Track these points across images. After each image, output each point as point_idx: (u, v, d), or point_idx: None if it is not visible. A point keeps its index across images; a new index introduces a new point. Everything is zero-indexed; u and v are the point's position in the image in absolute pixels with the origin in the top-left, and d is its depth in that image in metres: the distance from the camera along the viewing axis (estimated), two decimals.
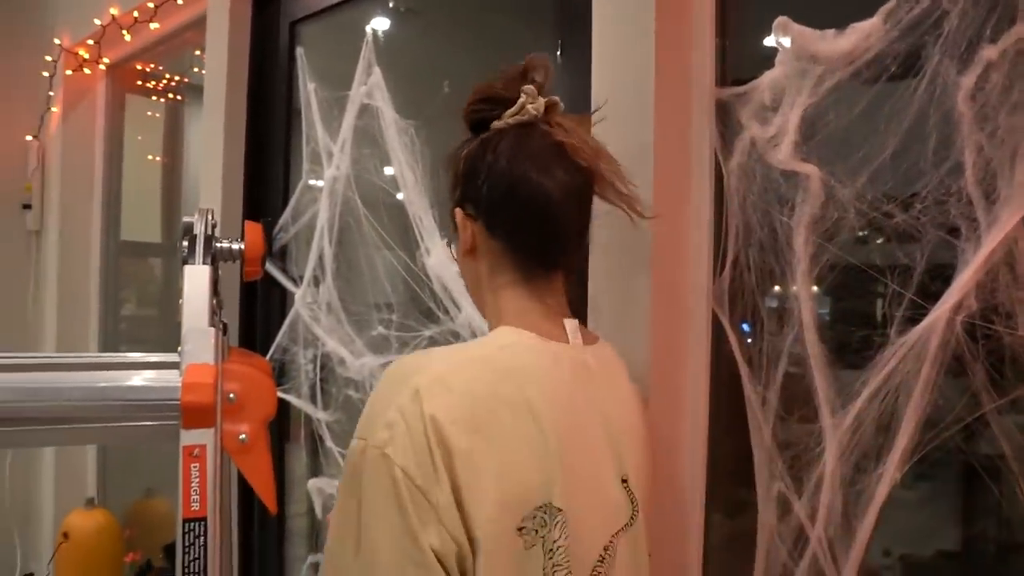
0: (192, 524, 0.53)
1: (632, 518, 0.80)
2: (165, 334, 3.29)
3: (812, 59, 1.02)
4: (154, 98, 3.09)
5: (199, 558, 0.53)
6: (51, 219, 2.86)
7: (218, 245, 0.65)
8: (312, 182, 1.70)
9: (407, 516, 0.61)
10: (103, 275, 2.89)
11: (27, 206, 2.88)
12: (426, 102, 1.53)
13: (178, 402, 0.53)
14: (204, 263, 0.62)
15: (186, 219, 0.65)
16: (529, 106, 0.80)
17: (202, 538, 0.53)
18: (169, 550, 2.27)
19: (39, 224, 2.90)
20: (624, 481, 0.81)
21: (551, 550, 0.69)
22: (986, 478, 0.91)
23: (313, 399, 1.63)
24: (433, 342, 1.39)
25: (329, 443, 1.60)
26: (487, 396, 0.68)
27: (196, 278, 0.60)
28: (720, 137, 1.12)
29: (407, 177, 1.44)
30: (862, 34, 0.96)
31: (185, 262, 0.63)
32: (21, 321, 2.88)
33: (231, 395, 0.58)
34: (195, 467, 0.54)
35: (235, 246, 0.66)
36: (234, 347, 0.74)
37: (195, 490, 0.53)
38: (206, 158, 1.94)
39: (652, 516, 0.89)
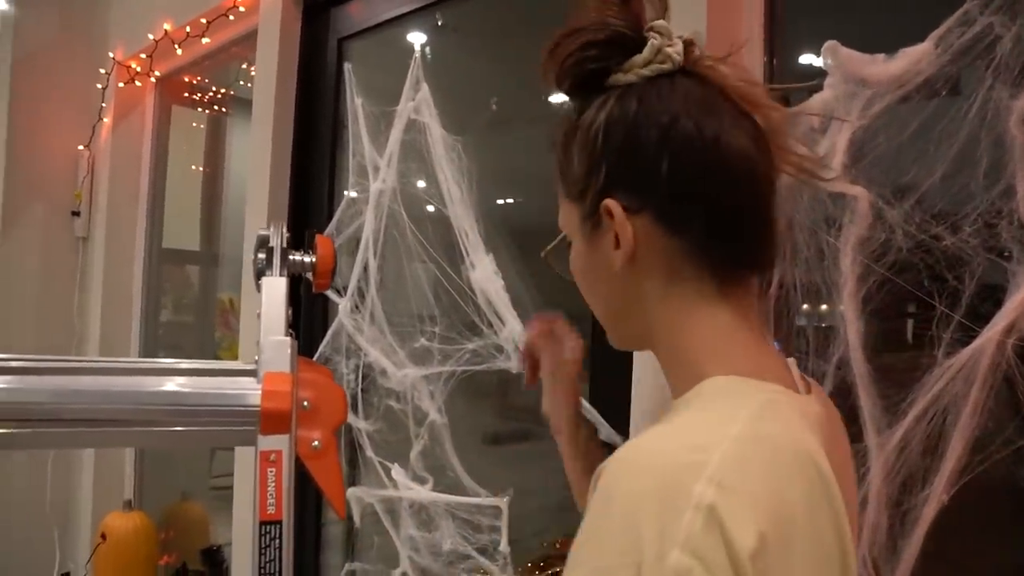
0: (268, 527, 0.55)
1: None
2: (200, 340, 3.35)
3: (861, 82, 1.04)
4: (199, 109, 3.16)
5: (275, 560, 0.55)
6: (98, 226, 2.94)
7: (291, 258, 0.68)
8: (357, 195, 1.73)
9: None
10: (145, 281, 2.96)
11: (76, 213, 2.95)
12: (473, 119, 1.56)
13: (256, 408, 0.56)
14: (280, 275, 0.64)
15: (261, 232, 0.68)
16: (668, 49, 0.58)
17: (278, 540, 0.55)
18: (207, 554, 2.31)
19: (86, 231, 2.98)
20: None
21: None
22: None
23: (355, 408, 1.65)
24: (476, 355, 1.41)
25: (369, 452, 1.63)
26: (786, 500, 0.47)
27: (273, 289, 0.63)
28: None
29: (453, 192, 1.46)
30: (912, 58, 0.97)
31: (261, 274, 0.66)
32: (67, 323, 2.96)
33: (305, 402, 0.60)
34: (271, 471, 0.56)
35: (307, 259, 0.69)
36: (299, 356, 0.76)
37: (271, 494, 0.56)
38: (253, 170, 1.99)
39: None
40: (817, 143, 1.08)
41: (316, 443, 0.60)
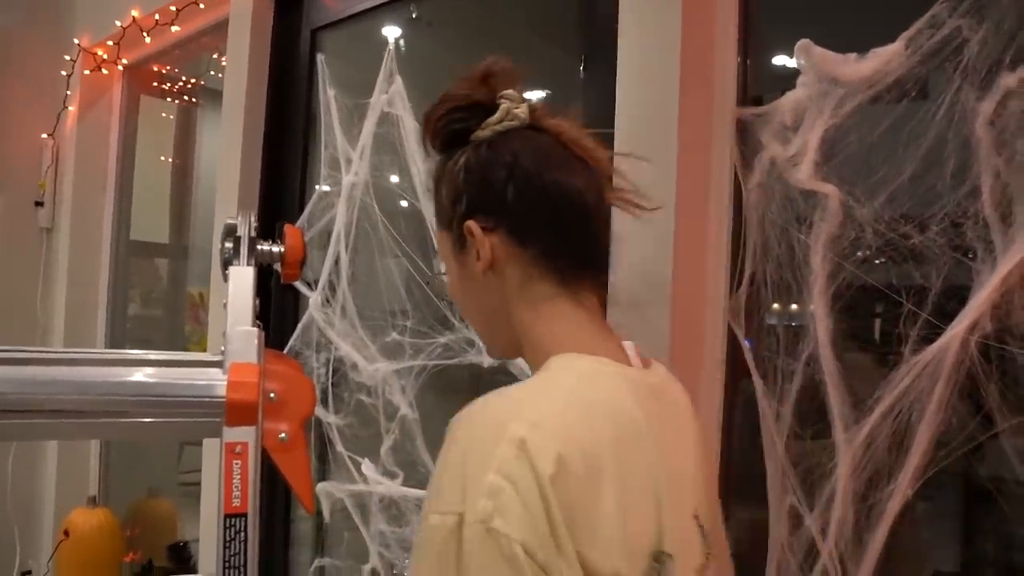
0: (233, 520, 0.54)
1: (707, 557, 0.70)
2: (169, 335, 3.31)
3: (833, 81, 1.05)
4: (169, 100, 3.11)
5: (239, 553, 0.54)
6: (63, 217, 2.88)
7: (259, 248, 0.66)
8: (329, 188, 1.72)
9: None
10: (112, 274, 2.91)
11: (40, 203, 2.89)
12: None
13: (222, 399, 0.55)
14: (248, 264, 0.63)
15: (229, 221, 0.67)
16: (516, 110, 0.72)
17: (243, 533, 0.54)
18: (173, 550, 2.28)
19: (51, 222, 2.92)
20: (696, 516, 0.71)
21: None
22: (998, 498, 0.93)
23: (325, 403, 1.64)
24: (448, 349, 1.40)
25: (339, 447, 1.61)
26: (595, 442, 0.57)
27: (241, 279, 0.62)
28: (740, 156, 1.14)
29: (426, 184, 1.46)
30: (883, 59, 0.99)
31: (228, 264, 0.65)
32: (31, 316, 2.89)
33: (272, 394, 0.59)
34: (237, 464, 0.55)
35: (275, 249, 0.68)
36: (267, 348, 0.75)
37: (236, 487, 0.55)
38: (223, 161, 1.96)
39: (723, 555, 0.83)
40: (789, 141, 1.09)
41: (283, 435, 0.60)
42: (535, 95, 0.79)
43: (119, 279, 2.94)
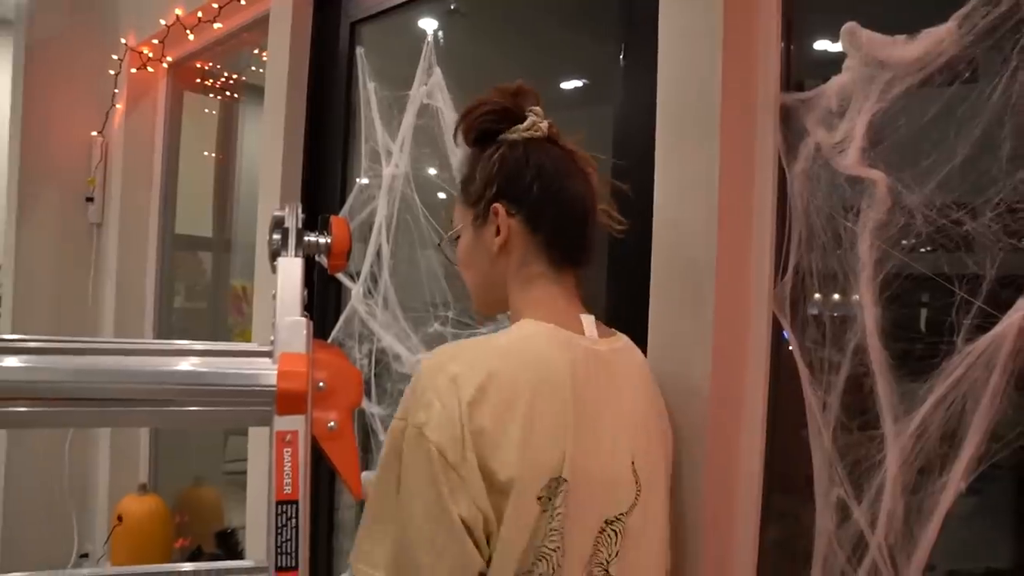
0: (285, 506, 0.55)
1: (637, 497, 0.87)
2: (212, 327, 3.37)
3: (880, 65, 1.02)
4: (211, 96, 3.16)
5: (291, 539, 0.55)
6: (112, 212, 2.95)
7: (307, 239, 0.67)
8: (369, 180, 1.73)
9: (439, 488, 0.69)
10: (158, 267, 2.97)
11: (90, 199, 2.97)
12: None
13: (272, 388, 0.56)
14: (296, 256, 0.64)
15: (276, 213, 0.68)
16: (540, 124, 0.93)
17: (294, 520, 0.55)
18: (221, 537, 2.33)
19: (100, 217, 2.99)
20: (632, 463, 0.87)
21: (551, 516, 0.77)
22: None
23: (367, 393, 1.66)
24: None
25: (382, 437, 1.63)
26: (511, 382, 0.76)
27: (289, 270, 0.63)
28: (784, 142, 1.12)
29: (456, 169, 1.46)
30: (934, 39, 0.96)
31: (276, 255, 0.66)
32: (82, 309, 2.97)
33: (320, 383, 0.60)
34: (287, 452, 0.56)
35: (322, 240, 0.69)
36: (314, 338, 0.76)
37: (287, 474, 0.56)
38: (265, 155, 1.99)
39: (671, 499, 0.99)
40: (835, 126, 1.06)
41: (332, 424, 0.60)
42: (573, 84, 0.88)
43: (165, 273, 3.01)
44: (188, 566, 0.79)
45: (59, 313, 2.93)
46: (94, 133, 2.93)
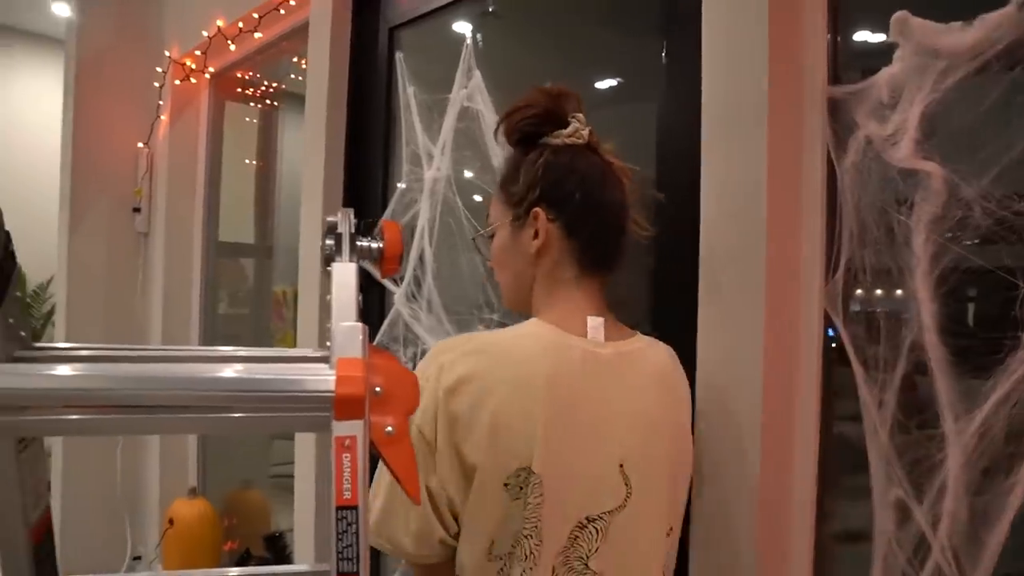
0: (345, 512, 0.55)
1: (626, 499, 0.88)
2: (255, 332, 3.42)
3: (934, 54, 0.99)
4: (251, 104, 3.21)
5: (352, 545, 0.55)
6: (158, 222, 3.01)
7: (360, 243, 0.68)
8: (411, 184, 1.74)
9: (417, 461, 0.73)
10: (203, 275, 3.02)
11: (137, 209, 3.03)
12: None
13: (330, 394, 0.56)
14: (350, 260, 0.64)
15: (330, 218, 0.68)
16: (583, 131, 0.95)
17: (354, 526, 0.55)
18: (270, 540, 2.36)
19: (147, 226, 3.06)
20: (621, 465, 0.89)
21: (526, 505, 0.83)
22: None
23: None
24: None
25: None
26: (489, 376, 0.83)
27: (344, 275, 0.63)
28: (833, 136, 1.10)
29: (498, 170, 1.46)
30: (992, 25, 0.93)
31: (330, 260, 0.66)
32: (131, 316, 3.04)
33: (377, 388, 0.60)
34: (347, 457, 0.56)
35: (375, 244, 0.69)
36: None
37: (347, 480, 0.56)
38: (307, 160, 2.01)
39: (676, 505, 0.99)
40: (886, 119, 1.04)
41: (390, 429, 0.60)
42: (612, 83, 0.90)
43: (209, 280, 3.06)
44: (246, 570, 0.80)
45: (109, 321, 3.00)
46: (140, 144, 3.00)
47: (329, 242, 0.67)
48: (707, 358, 1.13)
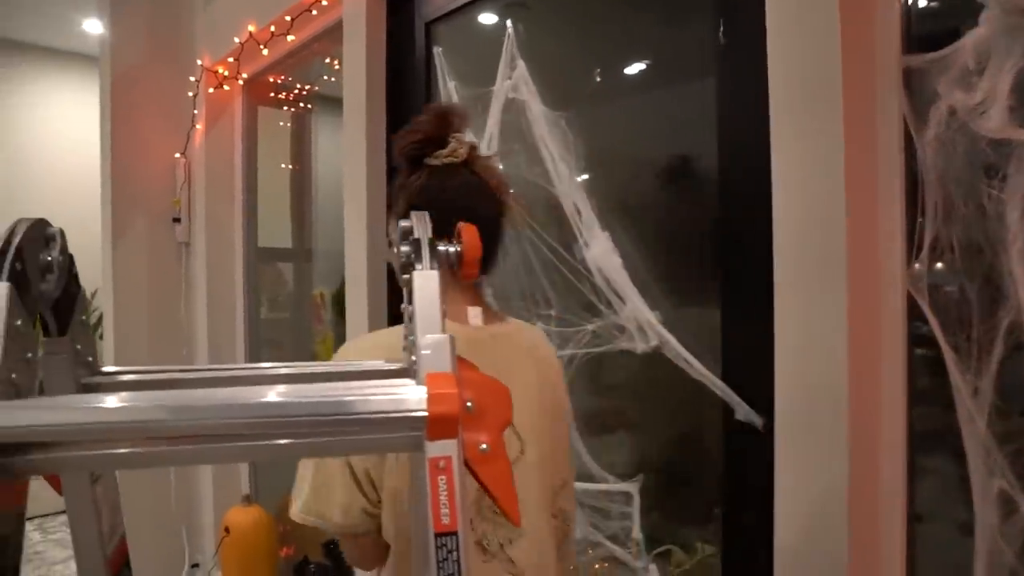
0: (444, 539, 0.51)
1: (521, 453, 1.00)
2: (296, 335, 3.42)
3: None
4: (284, 108, 3.20)
5: (454, 573, 0.51)
6: (198, 231, 3.01)
7: (438, 248, 0.64)
8: None
9: None
10: (245, 281, 3.03)
11: (176, 219, 3.04)
12: (577, 92, 1.50)
13: (422, 413, 0.52)
14: (432, 268, 0.60)
15: (404, 223, 0.64)
16: (459, 150, 1.04)
17: (455, 553, 0.51)
18: (329, 547, 2.34)
19: (188, 236, 3.06)
20: (512, 425, 0.96)
21: None
22: None
23: None
24: (596, 336, 1.36)
25: None
26: (391, 348, 0.91)
27: (426, 283, 0.59)
28: (911, 108, 1.04)
29: (560, 170, 1.41)
30: None
31: (407, 268, 0.62)
32: (175, 326, 3.05)
33: (468, 403, 0.56)
34: (442, 480, 0.52)
35: (452, 249, 0.65)
36: None
37: (444, 504, 0.52)
38: (348, 163, 1.98)
39: (563, 455, 1.12)
40: (973, 86, 0.98)
41: (484, 446, 0.57)
42: (665, 63, 0.78)
43: (251, 286, 3.06)
44: None
45: (155, 330, 3.02)
46: (177, 155, 3.00)
47: (405, 248, 0.63)
48: (786, 350, 1.08)
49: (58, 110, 5.53)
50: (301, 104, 3.17)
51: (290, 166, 3.35)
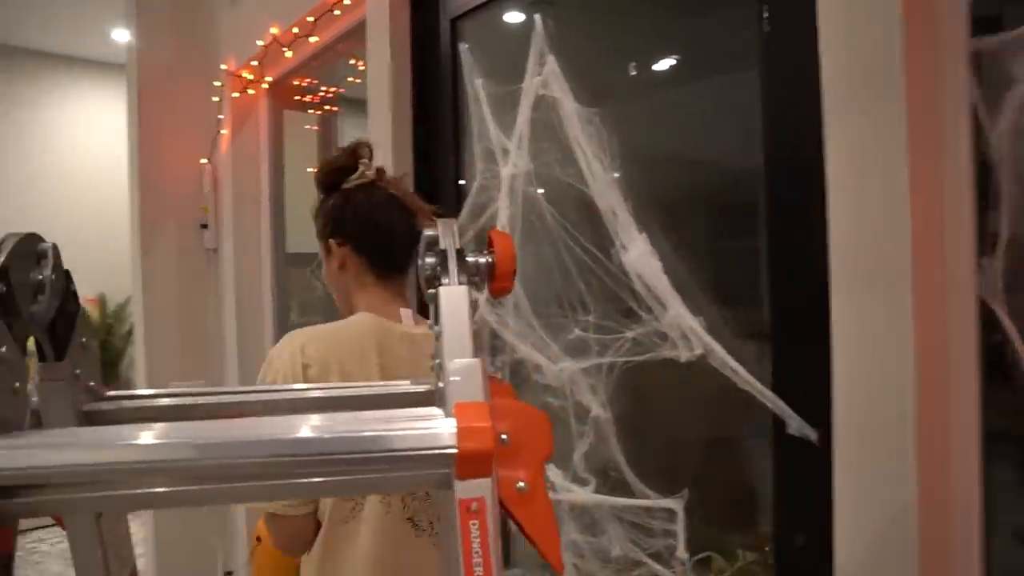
0: None
1: None
2: None
3: None
4: (309, 111, 3.16)
5: None
6: (226, 237, 2.99)
7: (468, 260, 0.57)
8: (486, 181, 1.63)
9: None
10: (274, 287, 2.99)
11: (204, 226, 3.01)
12: (610, 87, 1.43)
13: (451, 451, 0.45)
14: (460, 283, 0.53)
15: (428, 232, 0.57)
16: (367, 172, 1.18)
17: None
18: None
19: (216, 242, 3.04)
20: None
21: None
22: None
23: None
24: (637, 344, 1.28)
25: None
26: (333, 352, 1.06)
27: (454, 300, 0.52)
28: (982, 95, 0.95)
29: (594, 168, 1.34)
30: None
31: (434, 282, 0.55)
32: (205, 332, 3.04)
33: (503, 436, 0.50)
34: (474, 525, 0.45)
35: (482, 260, 0.58)
36: None
37: (476, 552, 0.45)
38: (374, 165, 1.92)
39: None
40: None
41: (522, 484, 0.50)
42: (703, 54, 0.71)
43: (280, 291, 3.02)
44: None
45: (185, 337, 3.01)
46: (203, 161, 2.98)
47: (430, 260, 0.57)
48: (845, 359, 1.00)
49: (86, 118, 5.60)
50: (327, 107, 3.13)
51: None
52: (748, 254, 1.24)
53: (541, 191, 1.49)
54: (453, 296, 0.53)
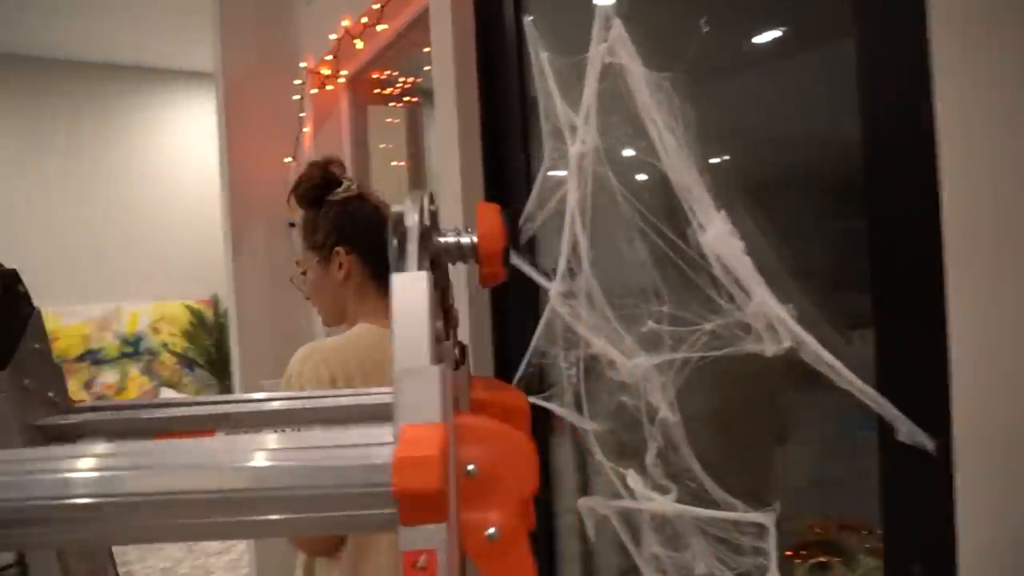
0: None
1: None
2: None
3: None
4: (391, 104, 3.12)
5: None
6: None
7: (441, 240, 0.45)
8: (556, 162, 1.50)
9: None
10: None
11: (292, 224, 3.02)
12: (682, 49, 1.27)
13: (384, 489, 0.34)
14: (420, 268, 0.42)
15: (396, 208, 0.46)
16: (352, 186, 1.30)
17: None
18: None
19: None
20: None
21: None
22: None
23: (579, 407, 1.43)
24: (716, 337, 1.12)
25: (599, 456, 1.40)
26: (348, 361, 1.19)
27: (408, 291, 0.41)
28: None
29: (667, 140, 1.19)
30: None
31: (398, 268, 0.44)
32: (294, 331, 3.05)
33: (470, 466, 0.38)
34: None
35: (464, 240, 0.46)
36: (478, 376, 0.54)
37: None
38: (442, 153, 1.84)
39: None
40: None
41: (492, 531, 0.38)
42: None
43: None
44: None
45: (277, 333, 3.04)
46: (288, 159, 2.99)
47: (396, 241, 0.46)
48: (965, 354, 0.82)
49: (184, 127, 5.86)
50: (408, 98, 3.08)
51: (405, 163, 3.26)
52: (845, 233, 1.06)
53: (611, 169, 1.35)
54: (408, 285, 0.40)
